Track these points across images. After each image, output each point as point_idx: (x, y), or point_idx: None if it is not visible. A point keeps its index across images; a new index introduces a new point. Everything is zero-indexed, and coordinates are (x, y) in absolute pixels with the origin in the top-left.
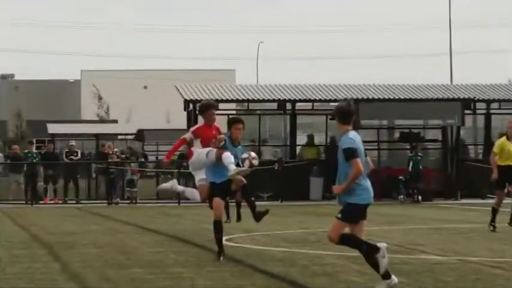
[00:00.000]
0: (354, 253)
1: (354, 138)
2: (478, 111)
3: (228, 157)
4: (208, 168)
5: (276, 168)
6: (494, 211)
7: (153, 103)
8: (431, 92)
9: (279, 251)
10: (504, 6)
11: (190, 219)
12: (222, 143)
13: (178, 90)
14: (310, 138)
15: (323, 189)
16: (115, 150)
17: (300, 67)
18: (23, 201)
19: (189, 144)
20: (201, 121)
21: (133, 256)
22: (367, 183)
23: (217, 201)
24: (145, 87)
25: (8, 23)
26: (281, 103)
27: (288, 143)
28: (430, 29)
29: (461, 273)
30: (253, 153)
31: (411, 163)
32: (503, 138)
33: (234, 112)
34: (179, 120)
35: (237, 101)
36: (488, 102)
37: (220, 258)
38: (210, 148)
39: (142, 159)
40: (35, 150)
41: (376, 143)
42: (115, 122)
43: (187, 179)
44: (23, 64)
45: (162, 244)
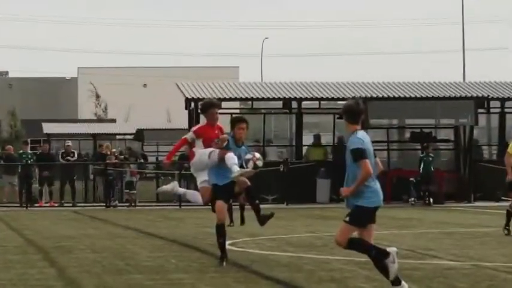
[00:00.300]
0: (363, 258)
1: (362, 138)
2: (492, 110)
3: (231, 158)
4: (210, 169)
5: (281, 169)
6: (509, 214)
7: (152, 102)
8: (443, 90)
9: (285, 256)
10: None
11: (192, 223)
12: (225, 144)
13: (179, 88)
14: (317, 138)
15: (330, 191)
16: (113, 150)
17: (307, 64)
18: (18, 204)
19: (191, 144)
20: (203, 120)
21: (133, 261)
22: (377, 185)
23: (220, 204)
24: (145, 85)
25: (1, 19)
26: (286, 101)
27: (294, 143)
28: (442, 24)
29: (475, 279)
30: (257, 154)
31: (422, 164)
32: None
33: (237, 111)
34: (180, 119)
35: (240, 99)
36: (502, 100)
37: (223, 264)
38: (212, 149)
39: (142, 160)
40: (29, 151)
41: (385, 143)
42: (113, 121)
43: (188, 181)
44: (17, 61)
45: (162, 249)
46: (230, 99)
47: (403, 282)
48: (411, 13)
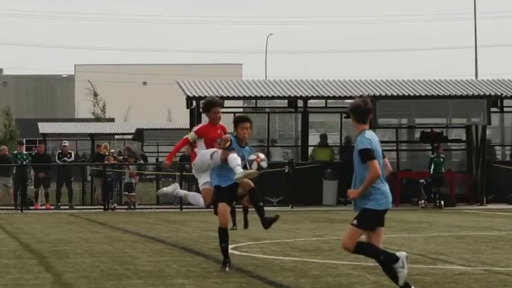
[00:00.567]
0: (371, 263)
1: (370, 138)
2: (506, 109)
3: (234, 159)
4: (213, 170)
5: (287, 170)
6: None
7: (153, 100)
8: (454, 88)
9: (290, 260)
10: None
11: (194, 226)
12: (228, 144)
13: (181, 86)
14: (324, 138)
15: (337, 193)
16: (112, 151)
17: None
18: (12, 207)
19: (192, 144)
20: (205, 120)
21: (132, 266)
22: (385, 187)
23: (223, 206)
24: (145, 83)
25: None
26: (292, 100)
27: (300, 144)
28: (454, 20)
29: (487, 284)
30: (261, 155)
31: (433, 165)
32: None
33: (240, 110)
34: (181, 119)
35: (244, 97)
36: None
37: (226, 269)
38: (214, 149)
39: (142, 161)
40: (25, 152)
41: (394, 144)
42: (112, 120)
43: (190, 183)
44: (11, 58)
45: (162, 253)
46: (233, 98)
47: None
48: (421, 8)
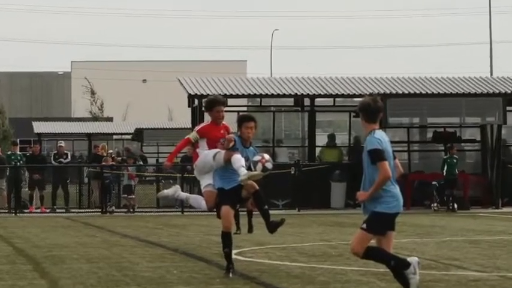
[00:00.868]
0: (381, 269)
1: (380, 138)
2: None
3: (238, 160)
4: (215, 172)
5: (293, 172)
6: None
7: (153, 99)
8: (468, 86)
9: (296, 266)
10: None
11: (195, 231)
12: (232, 144)
13: (182, 84)
14: (332, 138)
15: (346, 196)
16: (110, 152)
17: (320, 58)
18: (6, 210)
19: (194, 145)
20: (207, 119)
21: (131, 272)
22: (396, 190)
23: (226, 209)
24: (144, 81)
25: None
26: (298, 98)
27: (306, 144)
28: (467, 14)
29: None
30: (266, 156)
31: (446, 167)
32: None
33: (245, 109)
34: (182, 118)
35: (248, 96)
36: None
37: (230, 275)
38: (217, 150)
39: (141, 162)
40: (19, 152)
41: (406, 144)
42: (110, 120)
43: (191, 185)
44: (5, 54)
45: (163, 259)
46: (237, 96)
47: None
48: (432, 2)
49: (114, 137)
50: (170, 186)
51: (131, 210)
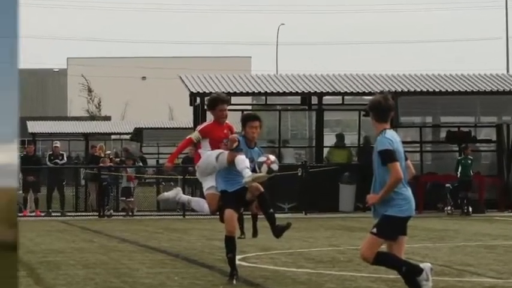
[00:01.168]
0: (392, 275)
1: (391, 138)
2: None
3: (242, 161)
4: (218, 174)
5: (300, 174)
6: None
7: (152, 97)
8: (483, 84)
9: (303, 272)
10: None
11: (197, 235)
12: (235, 144)
13: (183, 82)
14: (340, 138)
15: (355, 199)
16: (108, 152)
17: (328, 54)
18: None
19: (196, 145)
20: (210, 118)
21: (130, 279)
22: (408, 192)
23: (230, 213)
24: (144, 78)
25: None
26: (305, 96)
27: (314, 144)
28: (482, 8)
29: None
30: (272, 156)
31: (460, 168)
32: None
33: (249, 107)
34: (184, 117)
35: (253, 94)
36: None
37: (233, 281)
38: (220, 150)
39: (140, 164)
40: None
41: (418, 144)
42: (108, 119)
43: (193, 187)
44: None
45: (163, 264)
46: (241, 94)
47: None
48: None
49: (112, 137)
50: (171, 189)
51: (130, 213)
